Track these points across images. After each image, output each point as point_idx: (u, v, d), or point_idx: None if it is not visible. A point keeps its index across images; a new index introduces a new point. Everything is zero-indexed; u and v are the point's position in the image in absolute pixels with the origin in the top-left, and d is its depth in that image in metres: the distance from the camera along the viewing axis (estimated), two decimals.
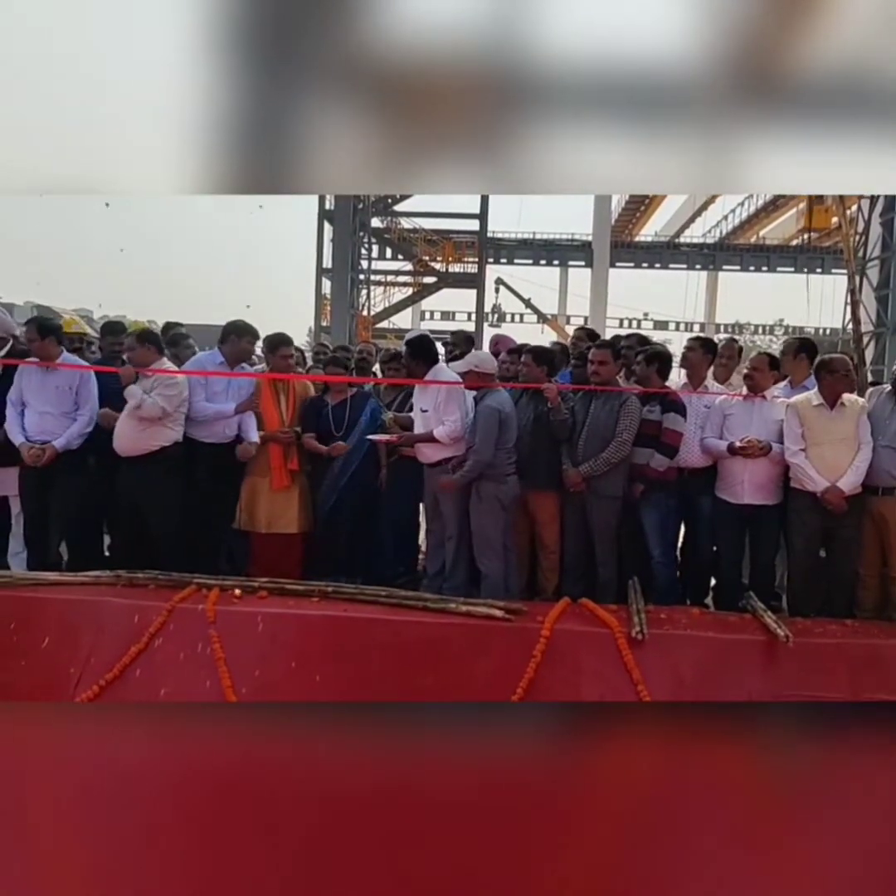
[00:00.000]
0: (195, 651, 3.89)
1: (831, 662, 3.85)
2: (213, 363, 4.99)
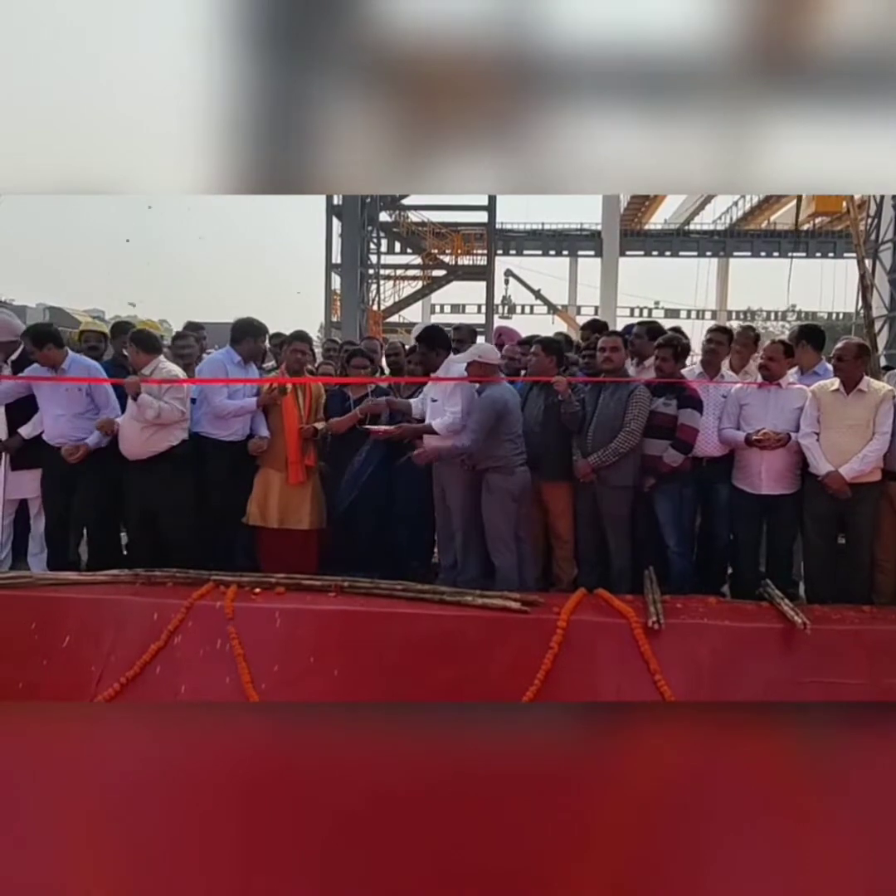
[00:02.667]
0: (214, 648, 3.92)
1: (849, 649, 3.84)
2: (232, 362, 5.03)
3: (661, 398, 4.60)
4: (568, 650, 3.80)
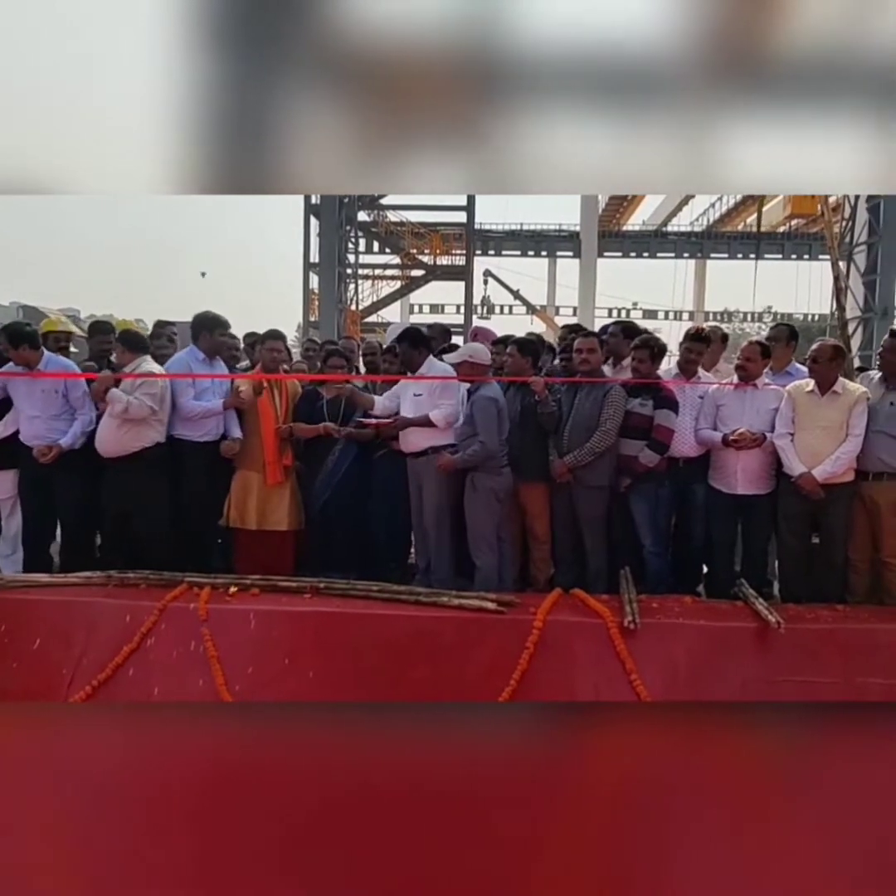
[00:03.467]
0: (188, 650, 3.89)
1: (823, 647, 3.87)
2: (196, 360, 4.96)
3: (638, 399, 4.62)
4: (544, 650, 3.81)
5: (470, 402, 4.59)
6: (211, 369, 5.00)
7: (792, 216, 32.08)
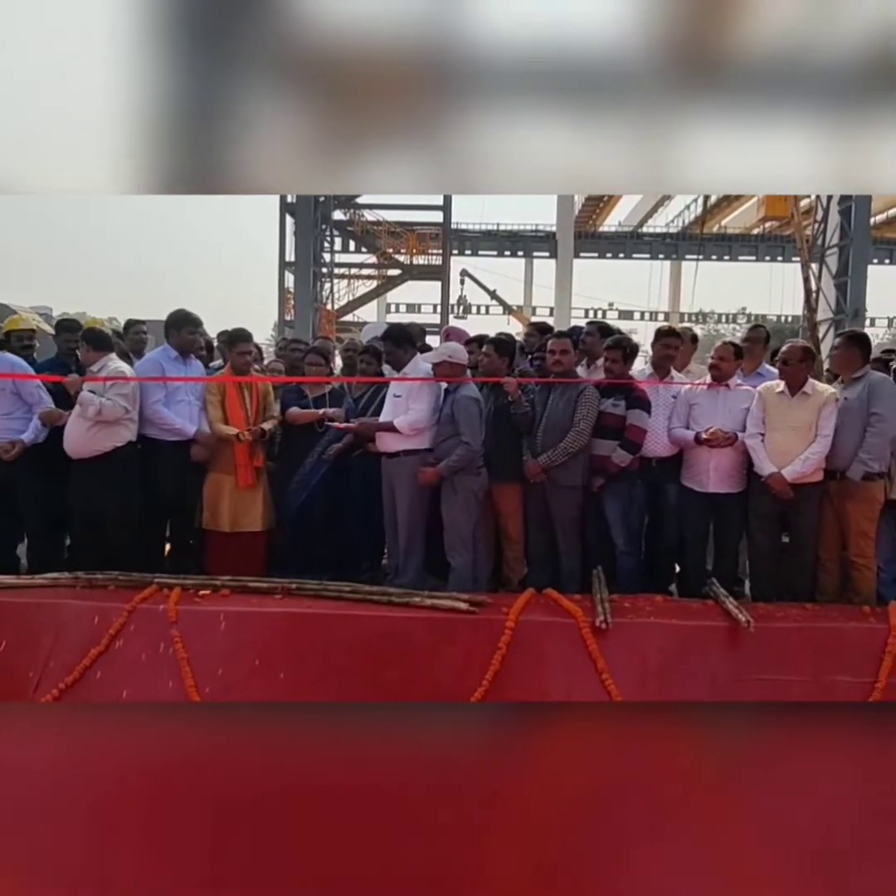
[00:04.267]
0: (157, 652, 3.84)
1: (792, 646, 3.90)
2: (169, 359, 4.89)
3: (610, 399, 4.64)
4: (516, 650, 3.80)
5: (450, 402, 4.55)
6: (184, 367, 4.93)
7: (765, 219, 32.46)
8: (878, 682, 3.79)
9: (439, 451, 4.52)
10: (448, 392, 4.63)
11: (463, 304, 35.55)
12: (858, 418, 4.37)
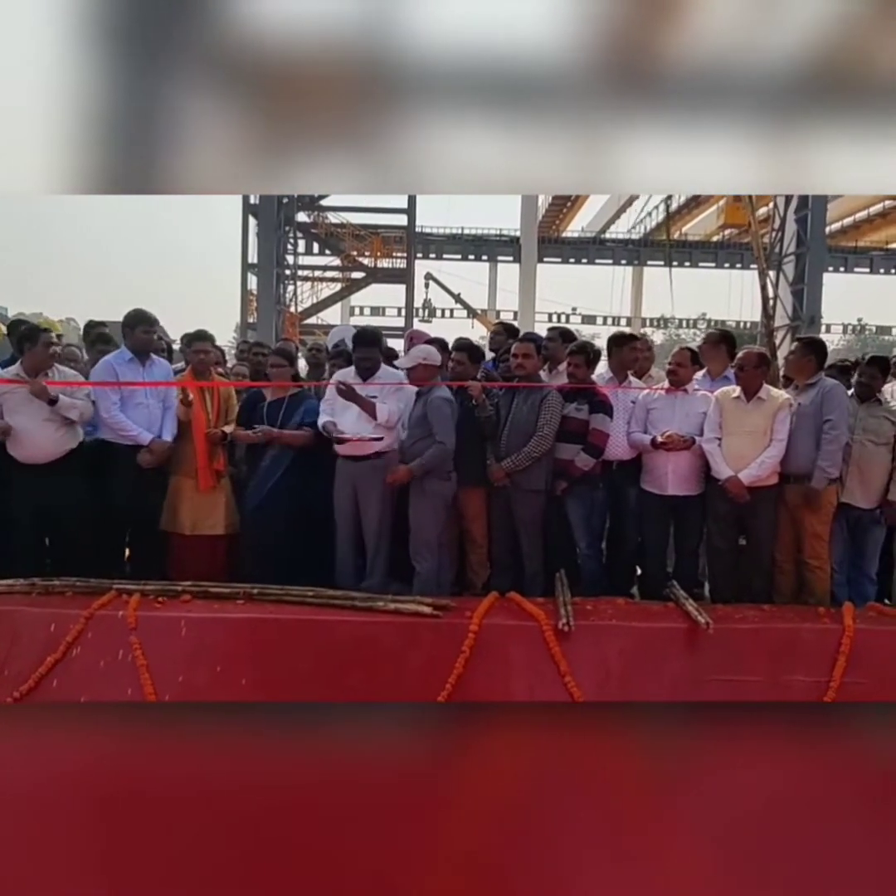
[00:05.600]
0: (116, 659, 3.79)
1: (750, 647, 3.98)
2: (123, 361, 4.78)
3: (573, 403, 4.68)
4: (479, 654, 3.82)
5: (423, 403, 4.54)
6: (140, 368, 4.80)
7: (725, 226, 33.00)
8: (833, 681, 3.88)
9: (412, 452, 4.50)
10: (420, 394, 4.63)
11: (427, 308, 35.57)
12: (812, 423, 4.47)
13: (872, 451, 4.53)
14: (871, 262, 32.49)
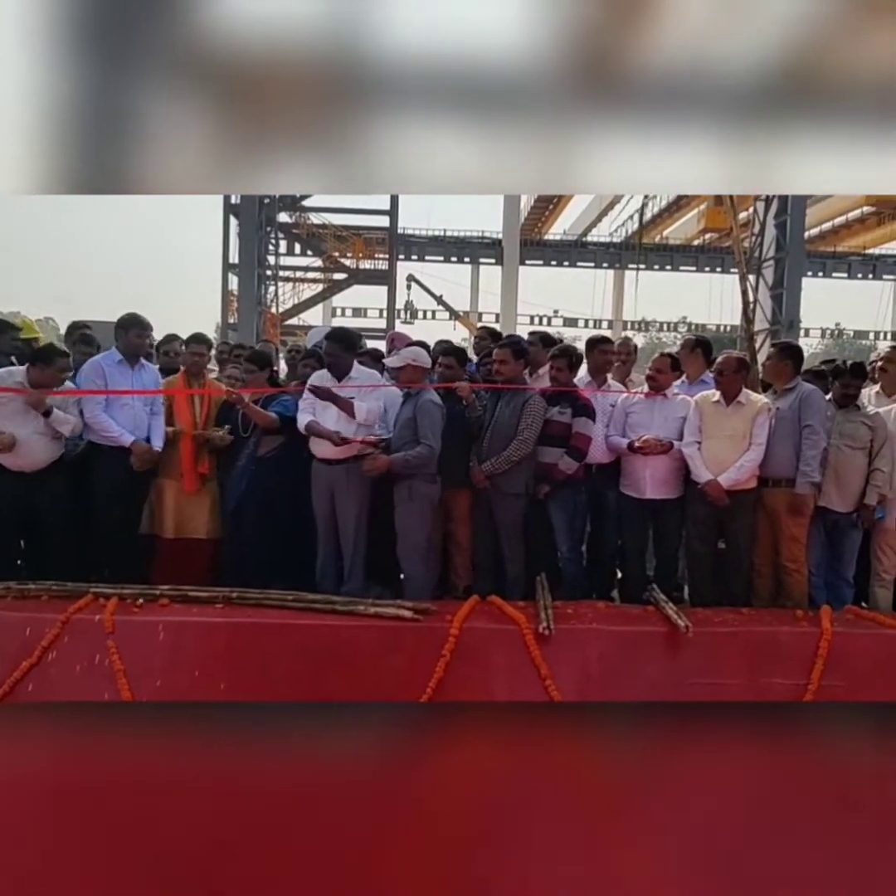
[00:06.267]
0: (92, 663, 3.75)
1: (729, 650, 4.00)
2: (112, 362, 4.75)
3: (556, 407, 4.70)
4: (460, 658, 3.82)
5: (412, 406, 4.51)
6: (129, 371, 4.76)
7: (706, 230, 33.20)
8: (811, 683, 3.91)
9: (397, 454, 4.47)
10: (409, 395, 4.61)
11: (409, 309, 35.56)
12: (790, 428, 4.51)
13: (849, 456, 4.57)
14: (849, 267, 32.85)
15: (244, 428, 4.92)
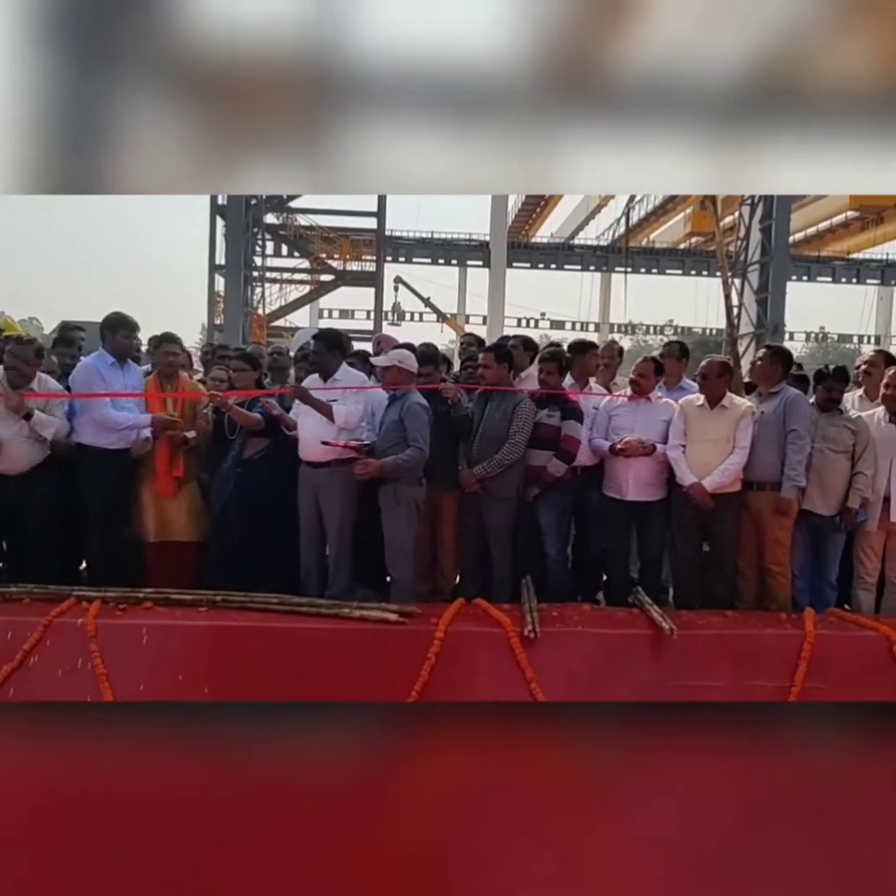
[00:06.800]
0: (75, 667, 3.72)
1: (713, 652, 4.02)
2: (106, 365, 4.69)
3: (545, 410, 4.71)
4: (445, 661, 3.82)
5: (399, 408, 4.49)
6: (121, 373, 4.71)
7: (692, 234, 33.38)
8: (794, 686, 3.94)
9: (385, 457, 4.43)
10: (396, 398, 4.59)
11: (397, 311, 35.56)
12: (774, 431, 4.53)
13: (832, 459, 4.60)
14: (833, 272, 33.13)
15: (230, 430, 4.89)
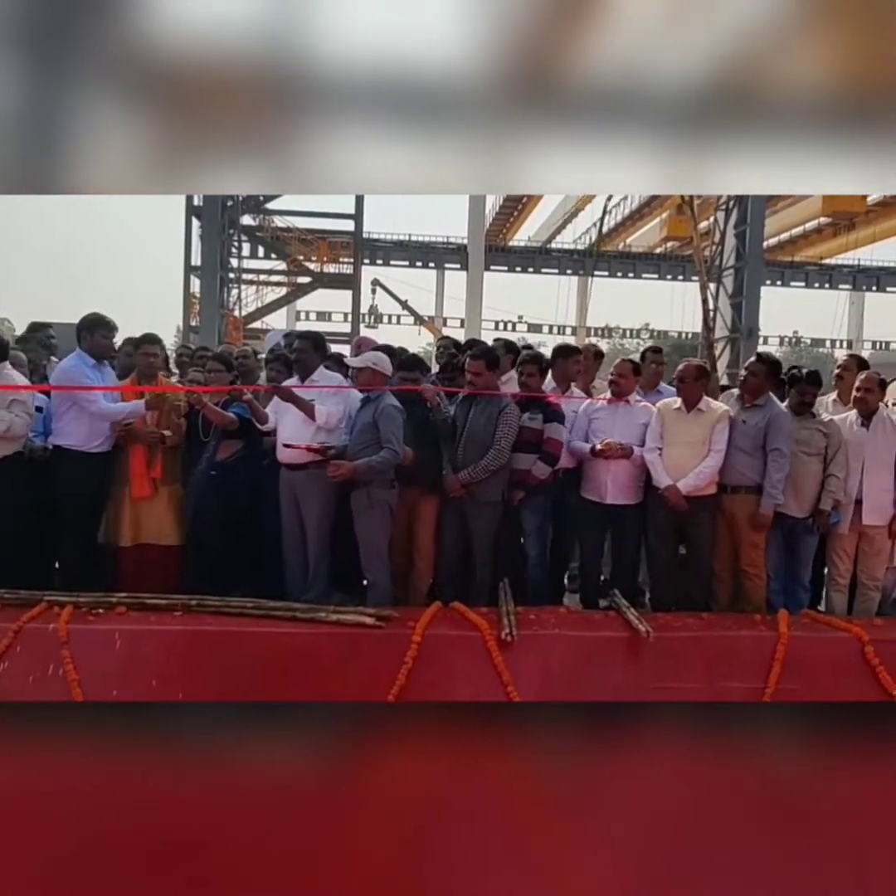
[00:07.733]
0: (46, 674, 3.67)
1: (689, 654, 4.05)
2: (88, 365, 4.61)
3: (527, 413, 4.72)
4: (422, 664, 3.81)
5: (373, 410, 4.46)
6: (100, 374, 4.65)
7: (668, 238, 33.66)
8: (768, 687, 3.97)
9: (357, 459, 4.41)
10: (369, 400, 4.57)
11: (374, 314, 35.48)
12: (752, 443, 4.56)
13: (805, 462, 4.64)
14: (806, 277, 33.54)
15: (204, 432, 4.85)
